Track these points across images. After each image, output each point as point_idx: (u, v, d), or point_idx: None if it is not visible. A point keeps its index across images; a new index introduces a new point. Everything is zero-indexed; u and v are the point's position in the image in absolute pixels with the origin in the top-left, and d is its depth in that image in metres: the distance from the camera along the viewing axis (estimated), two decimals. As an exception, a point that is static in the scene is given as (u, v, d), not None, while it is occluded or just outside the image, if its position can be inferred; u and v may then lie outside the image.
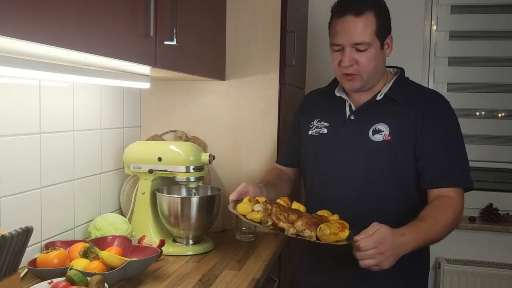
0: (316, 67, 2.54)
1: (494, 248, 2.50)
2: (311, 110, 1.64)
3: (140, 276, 1.38)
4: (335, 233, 1.22)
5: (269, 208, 1.31)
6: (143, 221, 1.71)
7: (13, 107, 1.35)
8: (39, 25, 0.85)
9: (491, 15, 2.52)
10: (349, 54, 1.42)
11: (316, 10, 2.51)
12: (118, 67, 1.40)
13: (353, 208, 1.42)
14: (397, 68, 1.60)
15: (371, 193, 1.44)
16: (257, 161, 1.99)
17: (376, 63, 1.44)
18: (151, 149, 1.73)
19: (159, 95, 2.06)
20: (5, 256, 1.03)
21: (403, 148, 1.42)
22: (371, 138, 1.44)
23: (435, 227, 1.31)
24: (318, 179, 1.55)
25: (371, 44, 1.41)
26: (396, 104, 1.47)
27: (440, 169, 1.41)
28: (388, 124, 1.44)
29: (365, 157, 1.45)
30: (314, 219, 1.27)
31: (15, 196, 1.37)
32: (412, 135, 1.42)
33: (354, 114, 1.50)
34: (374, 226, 1.20)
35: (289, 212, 1.29)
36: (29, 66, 1.15)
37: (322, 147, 1.53)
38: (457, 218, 1.37)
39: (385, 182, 1.44)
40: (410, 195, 1.45)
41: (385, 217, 1.33)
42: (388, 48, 1.49)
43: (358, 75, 1.44)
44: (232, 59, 1.97)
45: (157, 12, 1.28)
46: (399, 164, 1.43)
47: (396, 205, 1.45)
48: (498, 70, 2.54)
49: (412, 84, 1.56)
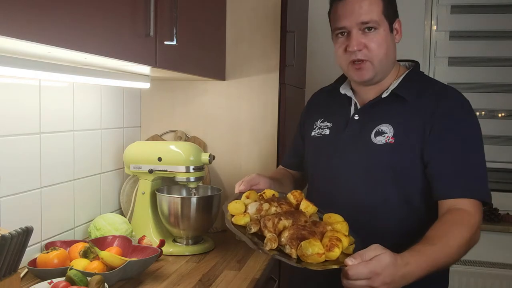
0: (316, 67, 2.54)
1: (494, 248, 2.50)
2: (316, 110, 1.53)
3: (140, 276, 1.38)
4: (320, 254, 1.00)
5: (264, 209, 1.16)
6: (143, 221, 1.70)
7: (13, 107, 1.35)
8: (39, 25, 0.85)
9: (491, 15, 2.52)
10: (356, 37, 1.26)
11: (316, 10, 2.51)
12: (118, 67, 1.40)
13: (354, 217, 1.24)
14: (412, 62, 1.43)
15: (372, 201, 1.30)
16: (257, 161, 1.99)
17: (386, 48, 1.29)
18: (151, 149, 1.73)
19: (159, 95, 2.06)
20: (5, 256, 1.03)
21: (408, 152, 1.26)
22: (373, 140, 1.30)
23: (446, 249, 1.10)
24: (317, 184, 1.45)
25: (379, 23, 1.26)
26: (404, 102, 1.31)
27: (451, 176, 1.22)
28: (393, 125, 1.29)
29: (366, 161, 1.31)
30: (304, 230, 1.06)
31: (15, 196, 1.37)
32: (419, 137, 1.26)
33: (359, 114, 1.37)
34: (374, 250, 1.00)
35: (283, 217, 1.10)
36: (29, 66, 1.15)
37: (323, 149, 1.42)
38: (472, 237, 1.15)
39: (387, 188, 1.29)
40: (416, 204, 1.29)
41: (388, 227, 1.24)
42: (397, 34, 1.34)
43: (368, 61, 1.28)
44: (232, 59, 1.97)
45: (157, 12, 1.28)
46: (403, 169, 1.27)
47: (400, 215, 1.29)
48: (498, 70, 2.54)
49: (426, 79, 1.38)
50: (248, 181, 1.33)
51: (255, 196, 1.26)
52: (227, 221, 1.16)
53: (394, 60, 1.36)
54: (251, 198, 1.25)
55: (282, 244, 1.05)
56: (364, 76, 1.31)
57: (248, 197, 1.25)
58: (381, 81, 1.36)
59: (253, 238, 1.10)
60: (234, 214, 1.18)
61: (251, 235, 1.10)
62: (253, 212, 1.16)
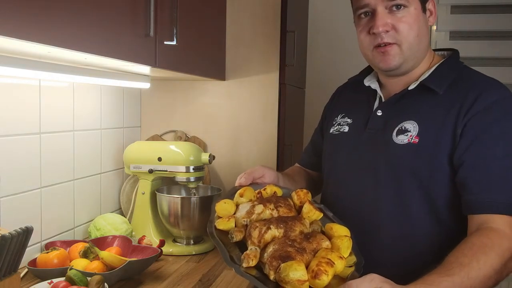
0: (316, 67, 2.53)
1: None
2: (338, 104, 1.37)
3: (140, 276, 1.38)
4: (301, 281, 0.80)
5: (255, 212, 0.97)
6: (143, 221, 1.70)
7: (13, 107, 1.35)
8: (39, 25, 0.85)
9: (491, 15, 2.52)
10: (381, 16, 1.08)
11: (316, 10, 2.51)
12: (118, 67, 1.40)
13: (366, 227, 1.13)
14: (451, 51, 1.23)
15: (392, 210, 1.12)
16: (257, 161, 1.99)
17: (418, 30, 1.10)
18: (151, 149, 1.73)
19: (159, 95, 2.06)
20: (5, 256, 1.03)
21: (435, 155, 1.07)
22: (394, 140, 1.13)
23: (467, 282, 0.88)
24: (332, 186, 1.29)
25: (409, 1, 1.08)
26: (434, 95, 1.12)
27: (484, 187, 1.01)
28: (418, 122, 1.11)
29: (385, 163, 1.14)
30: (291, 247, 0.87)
31: (15, 196, 1.37)
32: (449, 137, 1.06)
33: (382, 109, 1.19)
34: (369, 282, 0.82)
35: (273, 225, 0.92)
36: (29, 66, 1.15)
37: (340, 148, 1.27)
38: (505, 264, 0.94)
39: (408, 196, 1.10)
40: (444, 216, 1.10)
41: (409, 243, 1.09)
42: (431, 15, 1.15)
43: (396, 45, 1.10)
44: (232, 59, 1.97)
45: (157, 12, 1.28)
46: (427, 174, 1.08)
47: (424, 228, 1.11)
48: (498, 70, 2.54)
49: (464, 70, 1.17)
50: (250, 173, 1.15)
51: (251, 194, 1.06)
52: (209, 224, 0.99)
53: (427, 46, 1.17)
54: (245, 197, 1.05)
55: (263, 261, 0.87)
56: (390, 62, 1.12)
57: (242, 196, 1.05)
58: (412, 71, 1.17)
59: (234, 249, 0.92)
60: (222, 215, 1.01)
61: (233, 245, 0.93)
62: (242, 216, 0.98)
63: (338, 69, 1.40)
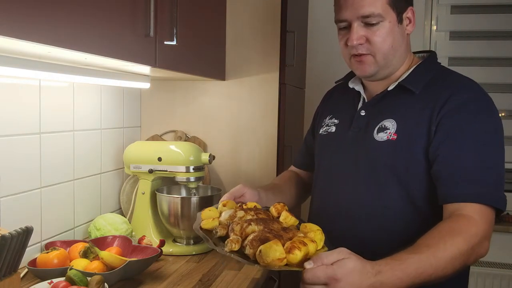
0: (316, 67, 2.54)
1: (494, 248, 2.49)
2: (327, 106, 1.45)
3: (140, 276, 1.38)
4: (281, 259, 0.89)
5: (237, 216, 1.07)
6: (143, 221, 1.70)
7: (13, 107, 1.35)
8: (39, 25, 0.85)
9: (491, 15, 2.52)
10: (356, 30, 1.17)
11: (316, 10, 2.51)
12: (118, 67, 1.40)
13: (353, 220, 1.21)
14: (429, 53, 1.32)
15: (374, 203, 1.20)
16: (257, 161, 1.99)
17: (392, 41, 1.18)
18: (151, 149, 1.73)
19: (159, 95, 2.06)
20: (5, 256, 1.03)
21: (411, 150, 1.16)
22: (375, 137, 1.21)
23: (433, 260, 0.96)
24: (319, 184, 1.38)
25: (383, 16, 1.16)
26: (411, 95, 1.20)
27: (456, 177, 1.10)
28: (397, 119, 1.19)
29: (367, 160, 1.22)
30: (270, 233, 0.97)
31: (15, 196, 1.37)
32: (424, 132, 1.15)
33: (365, 109, 1.28)
34: (337, 254, 0.89)
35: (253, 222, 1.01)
36: (29, 66, 1.15)
37: (327, 147, 1.35)
38: (473, 249, 1.02)
39: (389, 189, 1.19)
40: (422, 208, 1.17)
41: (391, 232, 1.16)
42: (409, 24, 1.23)
43: (370, 55, 1.19)
44: (232, 59, 1.97)
45: (157, 12, 1.28)
46: (405, 169, 1.16)
47: (404, 219, 1.18)
48: (498, 70, 2.54)
49: (441, 70, 1.26)
50: (231, 193, 1.23)
51: (233, 205, 1.17)
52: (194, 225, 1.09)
53: (405, 52, 1.25)
54: (228, 207, 1.16)
55: (244, 246, 0.95)
56: (366, 70, 1.22)
57: (225, 205, 1.16)
58: (392, 75, 1.26)
59: (218, 243, 1.00)
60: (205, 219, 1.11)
61: (217, 239, 1.01)
62: (225, 218, 1.08)
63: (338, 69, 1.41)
